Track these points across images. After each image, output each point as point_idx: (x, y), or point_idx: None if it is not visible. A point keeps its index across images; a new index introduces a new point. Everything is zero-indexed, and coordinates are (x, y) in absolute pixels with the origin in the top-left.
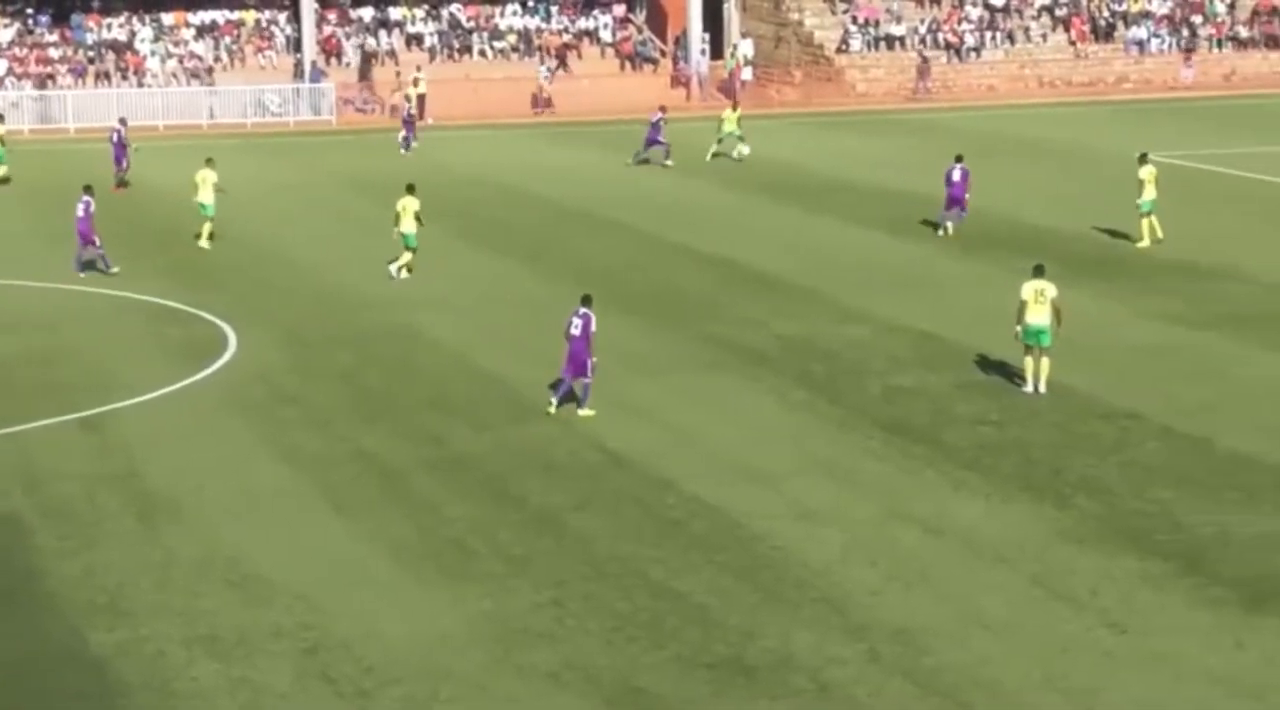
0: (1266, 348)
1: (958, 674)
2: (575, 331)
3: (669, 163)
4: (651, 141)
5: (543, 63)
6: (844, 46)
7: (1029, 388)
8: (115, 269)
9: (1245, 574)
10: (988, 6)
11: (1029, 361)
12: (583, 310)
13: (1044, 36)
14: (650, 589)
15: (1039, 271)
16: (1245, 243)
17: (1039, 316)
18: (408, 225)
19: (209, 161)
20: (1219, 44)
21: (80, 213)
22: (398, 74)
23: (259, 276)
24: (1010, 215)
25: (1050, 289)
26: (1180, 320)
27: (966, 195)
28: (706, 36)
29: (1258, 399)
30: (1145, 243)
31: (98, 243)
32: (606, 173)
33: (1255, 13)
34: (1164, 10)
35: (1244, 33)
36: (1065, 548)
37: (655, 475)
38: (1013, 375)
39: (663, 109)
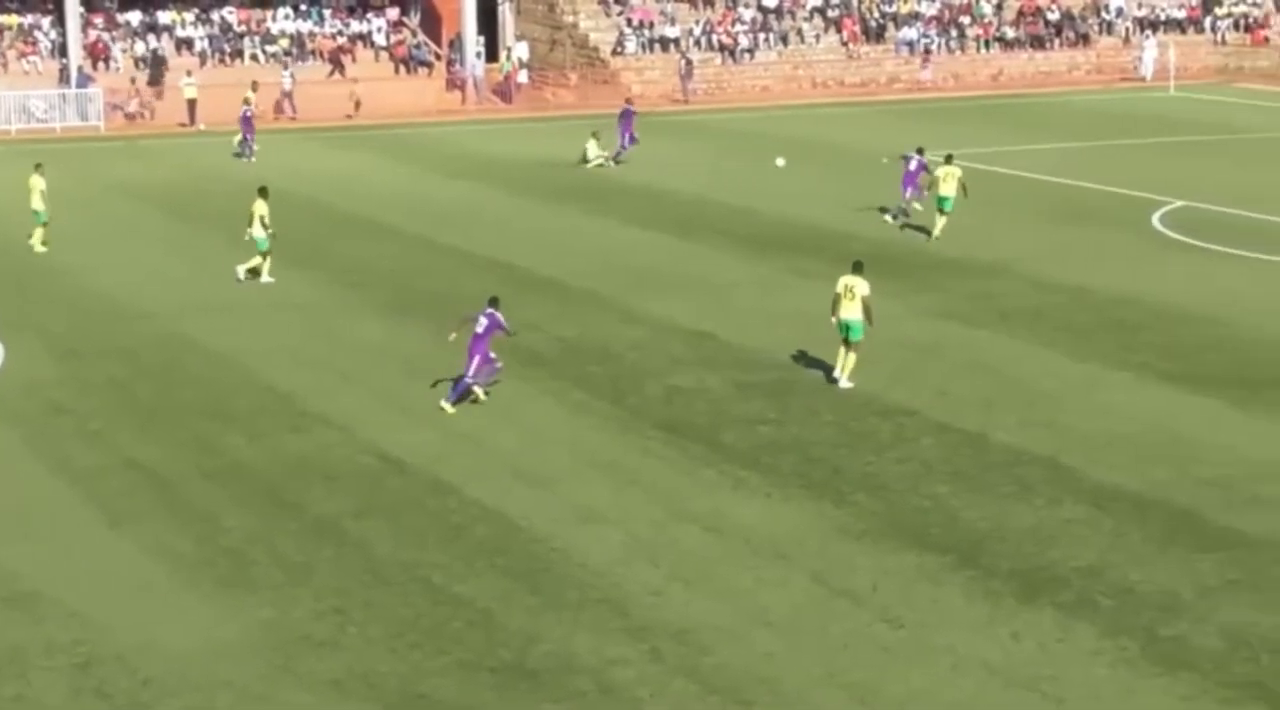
0: (1037, 344)
1: (739, 672)
2: (479, 330)
3: (615, 162)
4: (629, 136)
5: (286, 68)
6: (619, 48)
7: (837, 373)
8: None
9: (1020, 566)
10: (761, 8)
11: (840, 353)
12: (489, 310)
13: (816, 37)
14: (432, 594)
15: (856, 268)
16: (1015, 240)
17: (848, 311)
18: (255, 229)
19: (38, 167)
20: (986, 45)
21: None
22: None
23: (27, 286)
24: (786, 215)
25: (861, 285)
26: (954, 317)
27: (914, 187)
28: (482, 39)
29: (1029, 394)
30: (936, 235)
31: None
32: (381, 177)
33: (1021, 14)
34: (932, 11)
35: (1010, 33)
36: (844, 544)
37: (436, 480)
38: (790, 374)
39: (629, 102)
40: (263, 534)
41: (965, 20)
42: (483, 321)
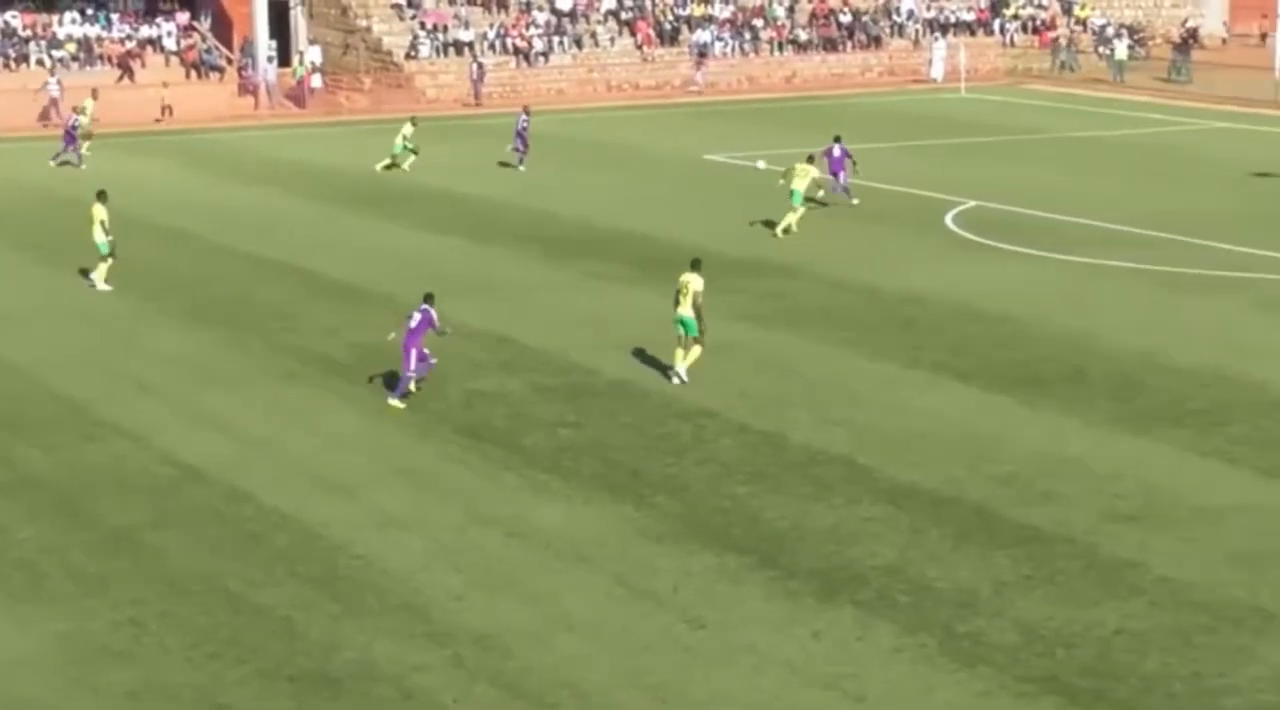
0: (832, 344)
1: (542, 676)
2: (412, 325)
3: (522, 167)
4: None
5: (53, 73)
6: (413, 52)
7: (678, 367)
8: None
9: (819, 565)
10: (555, 11)
11: (679, 350)
12: (423, 306)
13: (611, 40)
14: (231, 604)
15: (694, 265)
16: (809, 240)
17: (683, 307)
18: (96, 234)
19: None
20: (780, 47)
21: None
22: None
23: None
24: (583, 218)
25: (695, 282)
26: (750, 318)
27: (843, 172)
28: (274, 44)
29: (826, 394)
30: (784, 229)
31: None
32: (175, 183)
33: (813, 16)
34: (726, 14)
35: (804, 35)
36: (646, 546)
37: (233, 488)
38: (589, 377)
39: (526, 110)
40: (56, 546)
41: (758, 23)
42: (416, 317)
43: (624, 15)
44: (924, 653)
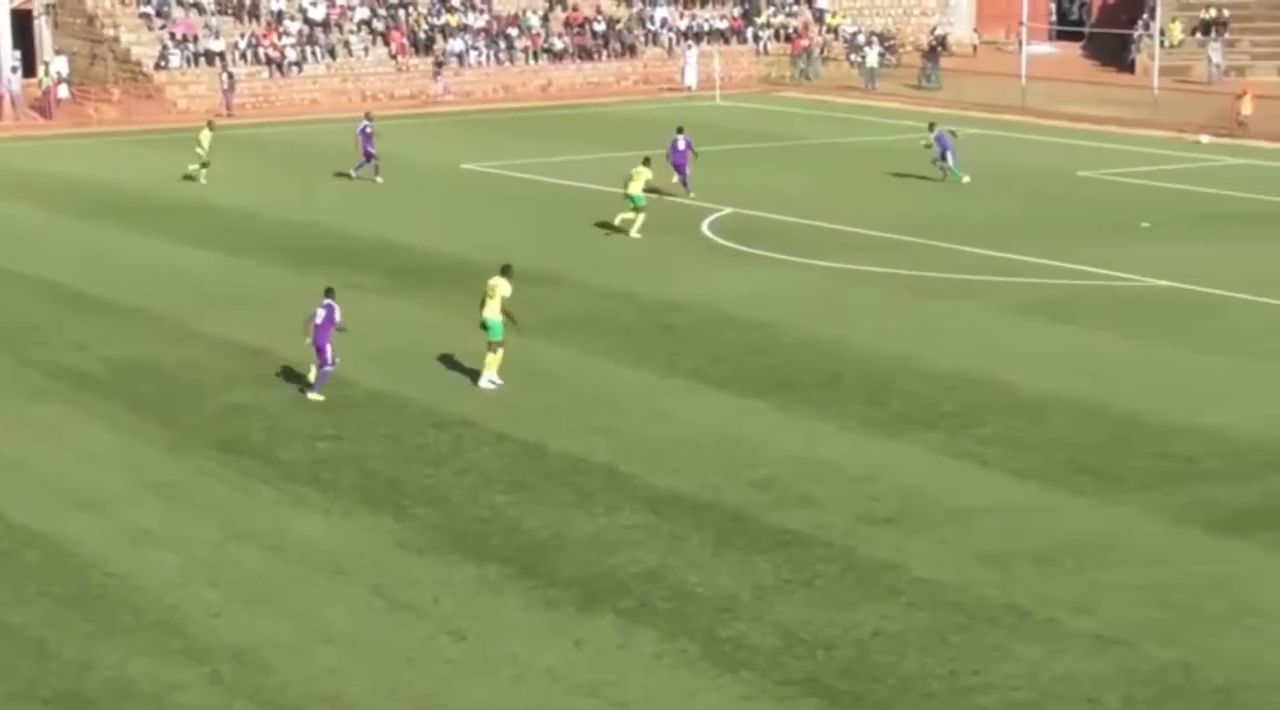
0: (591, 351)
1: (301, 690)
2: (318, 321)
3: (379, 178)
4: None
5: None
6: (163, 63)
7: (482, 379)
8: None
9: (580, 574)
10: (307, 21)
11: (488, 354)
12: (325, 301)
13: (365, 50)
14: None
15: (504, 270)
16: (566, 248)
17: (489, 310)
18: None
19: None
20: (535, 56)
21: None
22: None
23: None
24: (340, 229)
25: (503, 286)
26: (508, 326)
27: (686, 165)
28: (18, 54)
29: (586, 402)
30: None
31: None
32: None
33: (568, 25)
34: (480, 24)
35: (559, 44)
36: (405, 558)
37: None
38: (347, 388)
39: (368, 116)
40: None
41: (513, 32)
42: (320, 313)
43: (377, 25)
44: (685, 658)
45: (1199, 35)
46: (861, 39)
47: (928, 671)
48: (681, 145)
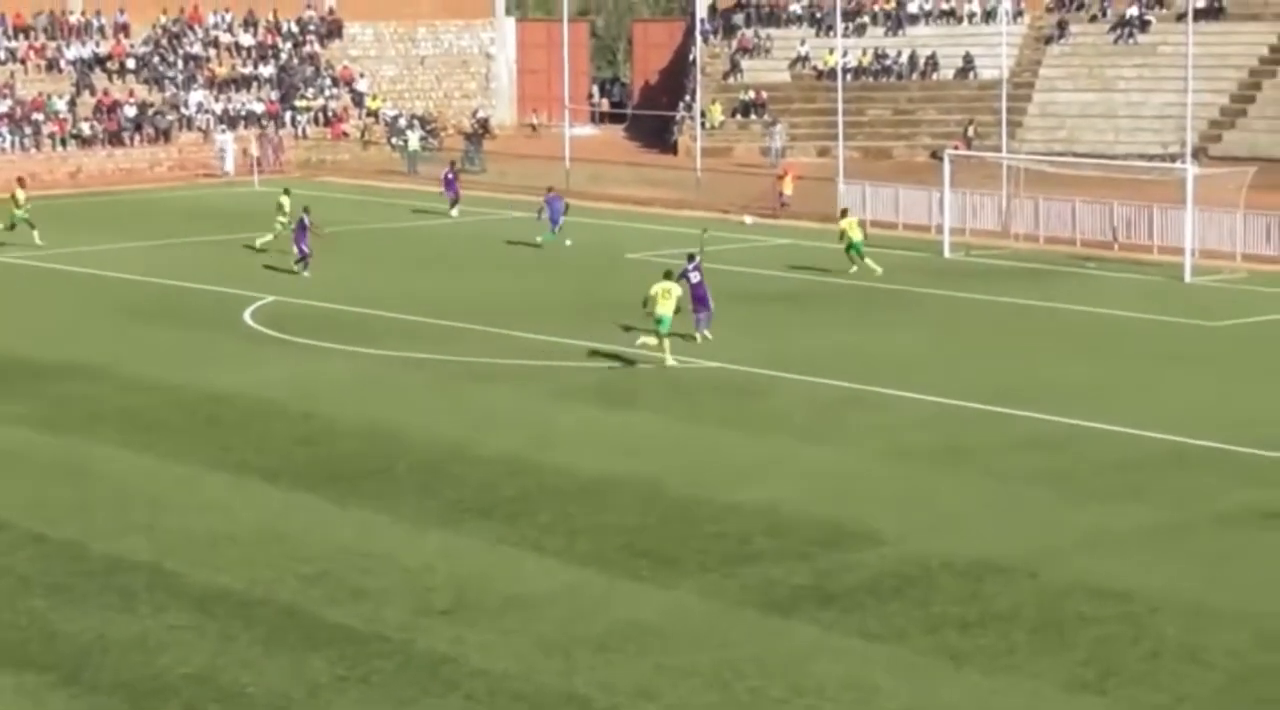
0: (133, 447)
1: None
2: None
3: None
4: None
5: None
6: None
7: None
8: None
9: (125, 678)
10: None
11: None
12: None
13: None
14: None
15: (667, 275)
16: (104, 341)
17: (663, 309)
18: None
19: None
20: (63, 142)
21: None
22: None
23: None
24: None
25: (675, 289)
26: (45, 423)
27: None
28: None
29: (127, 499)
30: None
31: None
32: None
33: (98, 109)
34: (3, 108)
35: (87, 129)
36: None
37: None
38: None
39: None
40: None
41: (39, 117)
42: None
43: None
44: None
45: (739, 117)
46: (403, 122)
47: None
48: (307, 222)
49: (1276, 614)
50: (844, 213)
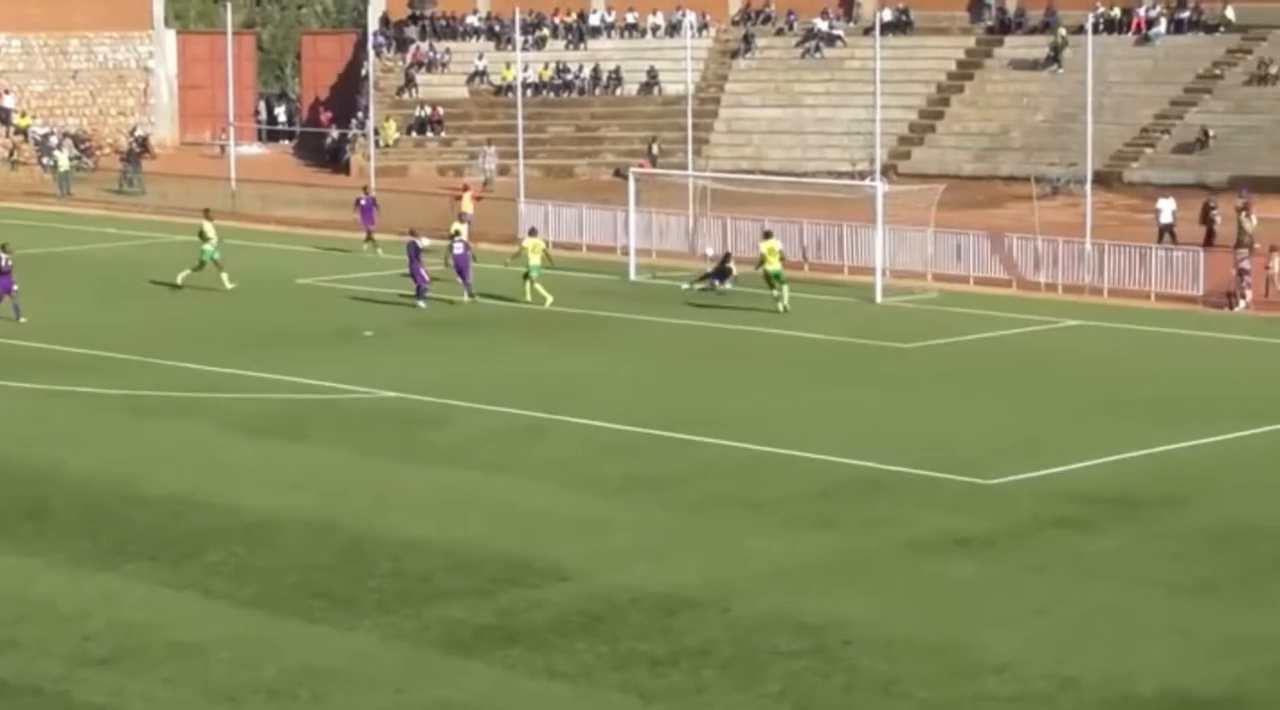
0: None
1: None
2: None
3: None
4: None
5: None
6: None
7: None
8: None
9: None
10: None
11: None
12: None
13: None
14: None
15: (767, 235)
16: None
17: (772, 265)
18: None
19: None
20: None
21: None
22: None
23: None
24: None
25: (777, 244)
26: None
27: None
28: None
29: None
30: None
31: None
32: None
33: None
34: None
35: None
36: None
37: None
38: None
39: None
40: None
41: None
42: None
43: None
44: None
45: (414, 134)
46: (54, 140)
47: None
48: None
49: (970, 644)
50: (533, 232)
